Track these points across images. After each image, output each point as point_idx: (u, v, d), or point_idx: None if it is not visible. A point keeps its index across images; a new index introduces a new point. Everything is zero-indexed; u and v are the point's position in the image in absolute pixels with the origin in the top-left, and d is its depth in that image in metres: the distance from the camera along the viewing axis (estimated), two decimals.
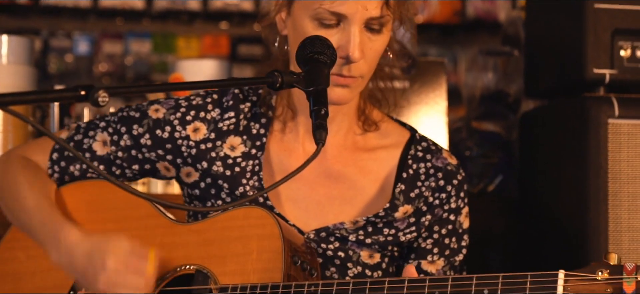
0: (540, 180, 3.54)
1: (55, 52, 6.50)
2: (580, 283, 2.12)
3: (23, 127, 3.60)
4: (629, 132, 3.18)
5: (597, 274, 2.11)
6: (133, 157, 2.62)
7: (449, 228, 2.55)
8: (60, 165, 2.63)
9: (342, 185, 2.58)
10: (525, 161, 3.72)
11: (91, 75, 6.43)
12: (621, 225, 3.15)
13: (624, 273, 2.09)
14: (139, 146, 2.61)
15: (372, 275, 2.56)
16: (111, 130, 2.62)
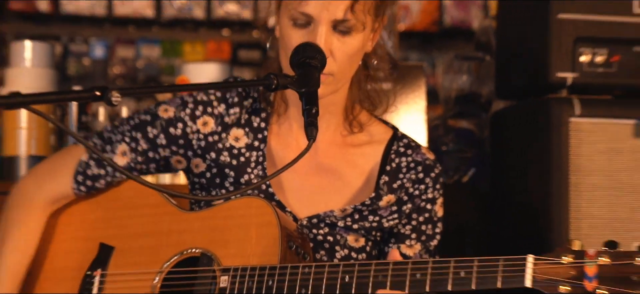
0: (509, 173, 3.54)
1: (74, 56, 6.49)
2: (547, 266, 2.12)
3: (45, 124, 3.59)
4: (589, 129, 3.18)
5: (562, 258, 2.11)
6: (150, 158, 2.60)
7: (426, 216, 2.55)
8: (87, 184, 2.60)
9: (331, 176, 2.58)
10: (496, 155, 3.72)
11: (106, 77, 6.43)
12: (581, 212, 3.15)
13: (586, 257, 2.09)
14: (155, 147, 2.59)
15: (357, 257, 2.56)
16: (128, 140, 2.59)
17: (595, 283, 2.07)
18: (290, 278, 2.33)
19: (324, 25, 2.40)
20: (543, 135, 3.22)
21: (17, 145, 3.54)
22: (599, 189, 3.16)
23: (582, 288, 2.08)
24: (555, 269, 2.11)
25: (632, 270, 2.06)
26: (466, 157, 4.00)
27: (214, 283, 2.40)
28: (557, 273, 2.11)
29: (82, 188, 2.60)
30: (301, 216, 2.54)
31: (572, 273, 2.10)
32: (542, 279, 2.12)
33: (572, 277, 2.10)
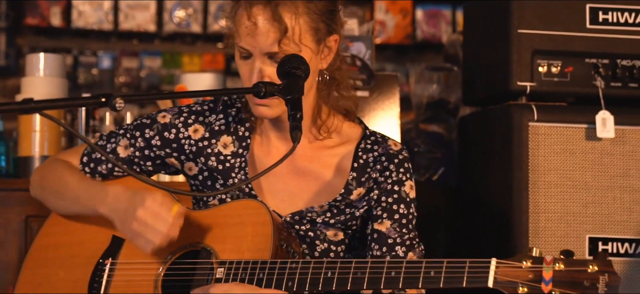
0: (474, 171, 3.54)
1: (83, 67, 6.46)
2: (508, 268, 2.12)
3: (56, 127, 3.59)
4: (546, 132, 3.19)
5: (522, 263, 2.11)
6: (146, 156, 2.62)
7: (395, 196, 2.54)
8: (90, 166, 2.64)
9: (308, 177, 2.58)
10: (463, 156, 3.72)
11: (113, 86, 6.41)
12: (539, 207, 3.15)
13: (544, 263, 2.09)
14: (150, 146, 2.61)
15: (336, 250, 2.56)
16: (129, 136, 2.63)
17: (550, 286, 2.08)
18: (279, 271, 2.34)
19: (258, 58, 2.43)
20: (505, 138, 3.22)
21: (31, 147, 3.54)
22: (555, 186, 3.16)
23: (539, 290, 2.08)
24: (515, 272, 2.11)
25: (585, 276, 2.06)
26: (436, 157, 4.00)
27: (211, 273, 2.41)
28: (517, 275, 2.11)
29: (87, 169, 2.64)
30: (284, 214, 2.53)
31: (530, 276, 2.10)
32: (503, 280, 2.12)
33: (530, 279, 2.10)
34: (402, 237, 2.49)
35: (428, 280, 2.20)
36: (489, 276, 2.13)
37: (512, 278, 2.10)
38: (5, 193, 3.44)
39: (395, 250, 2.48)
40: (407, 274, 2.23)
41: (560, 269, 2.08)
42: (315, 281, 2.30)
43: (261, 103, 2.46)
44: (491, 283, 2.12)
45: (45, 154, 3.54)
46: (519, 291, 2.09)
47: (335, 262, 2.31)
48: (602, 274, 2.04)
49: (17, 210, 3.40)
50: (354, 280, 2.27)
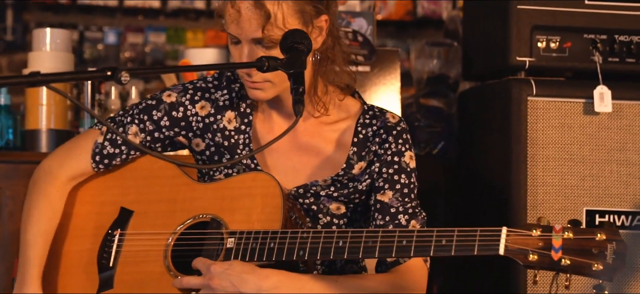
0: (474, 145, 3.55)
1: (89, 42, 6.46)
2: (518, 237, 2.13)
3: (63, 101, 3.59)
4: (544, 107, 3.19)
5: (532, 231, 2.12)
6: (156, 138, 2.61)
7: (395, 167, 2.54)
8: (104, 162, 2.60)
9: (310, 153, 2.58)
10: (462, 130, 3.72)
11: (118, 61, 6.41)
12: (537, 180, 3.16)
13: (553, 232, 2.10)
14: (160, 128, 2.60)
15: (338, 223, 2.56)
16: (137, 121, 2.60)
17: (560, 254, 2.09)
18: (290, 241, 2.34)
19: (245, 44, 2.43)
20: (504, 112, 3.22)
21: (38, 120, 3.55)
22: (553, 160, 3.17)
23: (548, 257, 2.09)
24: (525, 240, 2.12)
25: (593, 244, 2.07)
26: (436, 132, 3.99)
27: (222, 244, 2.41)
28: (527, 243, 2.12)
29: (101, 166, 2.60)
30: (288, 188, 2.53)
31: (540, 244, 2.11)
32: (513, 248, 2.12)
33: (540, 247, 2.11)
34: (404, 206, 2.50)
35: (439, 249, 2.21)
36: (500, 244, 2.13)
37: (523, 246, 2.11)
38: (13, 166, 3.45)
39: (398, 219, 2.48)
40: (419, 243, 2.23)
41: (569, 237, 2.09)
42: (327, 250, 2.31)
43: (255, 86, 2.46)
44: (502, 250, 2.13)
45: (52, 127, 3.54)
46: (530, 258, 2.10)
47: (347, 232, 2.31)
48: (610, 243, 2.06)
49: (25, 182, 3.37)
50: (366, 249, 2.28)
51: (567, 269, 2.09)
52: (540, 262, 2.11)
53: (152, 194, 2.58)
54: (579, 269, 2.08)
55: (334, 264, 2.56)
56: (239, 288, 2.32)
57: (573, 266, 2.08)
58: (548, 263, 2.10)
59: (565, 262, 2.08)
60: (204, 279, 2.34)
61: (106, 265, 2.53)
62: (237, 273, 2.33)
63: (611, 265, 2.05)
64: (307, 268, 2.46)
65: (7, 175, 3.44)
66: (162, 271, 2.44)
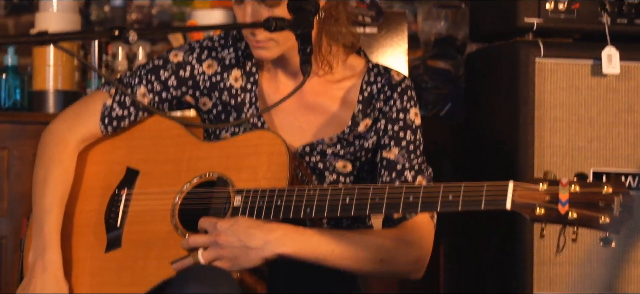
0: (481, 107, 3.54)
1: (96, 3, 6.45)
2: (525, 191, 2.12)
3: (70, 62, 3.59)
4: (552, 68, 3.19)
5: (539, 185, 2.11)
6: (164, 98, 2.60)
7: (401, 124, 2.53)
8: (113, 124, 2.60)
9: (316, 111, 2.58)
10: (469, 92, 3.72)
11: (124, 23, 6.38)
12: (544, 142, 3.16)
13: (560, 185, 2.09)
14: (167, 88, 2.60)
15: (345, 181, 2.56)
16: (145, 82, 2.59)
17: (567, 207, 2.08)
18: (297, 198, 2.34)
19: (248, 3, 2.42)
20: (511, 74, 3.22)
21: (45, 81, 3.56)
22: (560, 121, 3.17)
23: (555, 211, 2.09)
24: (532, 194, 2.11)
25: (599, 198, 2.07)
26: (443, 93, 3.99)
27: (229, 202, 2.41)
28: (534, 197, 2.11)
29: (109, 128, 2.60)
30: (294, 146, 2.53)
31: (547, 198, 2.10)
32: (520, 202, 2.12)
33: (547, 201, 2.10)
34: (410, 162, 2.50)
35: (446, 204, 2.20)
36: (507, 199, 2.13)
37: (530, 200, 2.11)
38: (21, 126, 3.46)
39: (405, 175, 2.48)
40: (425, 199, 2.23)
41: (576, 191, 2.08)
42: (334, 207, 2.31)
43: (259, 45, 2.46)
44: (509, 205, 2.12)
45: (59, 88, 3.55)
46: (537, 212, 2.09)
47: (353, 188, 2.31)
48: (616, 195, 2.05)
49: (32, 143, 3.41)
50: (373, 206, 2.28)
51: (574, 223, 2.08)
52: (547, 216, 2.10)
53: (158, 154, 2.58)
54: (586, 222, 2.07)
55: (341, 222, 2.56)
56: (246, 243, 2.33)
57: (580, 219, 2.08)
58: (555, 217, 2.09)
59: (572, 215, 2.08)
60: (211, 236, 2.35)
61: (114, 225, 2.53)
62: (243, 229, 2.33)
63: (618, 218, 2.05)
64: (314, 225, 2.46)
65: (14, 135, 3.45)
66: (170, 230, 2.44)
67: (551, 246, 3.13)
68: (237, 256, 2.33)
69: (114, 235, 2.52)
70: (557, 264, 3.15)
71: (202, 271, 2.28)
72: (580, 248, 3.13)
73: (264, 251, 2.33)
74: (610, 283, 3.15)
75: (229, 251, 2.33)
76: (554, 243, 3.07)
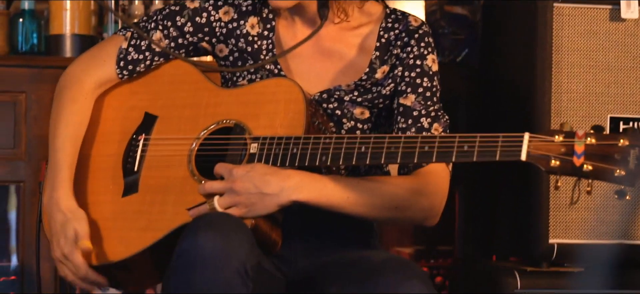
0: (498, 53, 3.53)
1: None
2: (540, 143, 2.11)
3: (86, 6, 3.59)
4: (570, 13, 3.17)
5: (554, 137, 2.10)
6: (180, 44, 2.59)
7: (417, 70, 2.52)
8: (128, 68, 2.59)
9: (334, 58, 2.56)
10: (486, 37, 3.70)
11: None
12: (562, 87, 3.15)
13: (575, 137, 2.08)
14: (183, 34, 2.59)
15: (362, 127, 2.55)
16: (161, 27, 2.58)
17: (582, 159, 2.07)
18: (312, 146, 2.34)
19: None
20: (529, 19, 3.20)
21: (62, 25, 3.56)
22: (578, 67, 3.16)
23: (570, 163, 2.08)
24: (547, 145, 2.10)
25: (615, 150, 2.05)
26: (460, 39, 3.98)
27: (245, 149, 2.41)
28: (549, 149, 2.10)
29: (125, 72, 2.59)
30: (311, 93, 2.53)
31: (562, 149, 2.09)
32: (535, 154, 2.11)
33: (562, 153, 2.09)
34: (426, 109, 2.49)
35: (461, 154, 2.20)
36: (522, 150, 2.12)
37: (545, 151, 2.10)
38: (38, 70, 3.47)
39: (421, 122, 2.48)
40: (441, 149, 2.22)
41: (592, 143, 2.07)
42: (349, 156, 2.30)
43: None
44: (524, 156, 2.12)
45: (76, 32, 3.55)
46: (552, 164, 2.09)
47: (369, 137, 2.31)
48: (632, 148, 2.04)
49: (49, 87, 3.41)
50: (388, 154, 2.27)
51: (588, 175, 2.07)
52: (562, 168, 2.09)
53: (176, 99, 2.58)
54: (601, 174, 2.06)
55: (358, 170, 2.56)
56: (262, 189, 2.33)
57: (595, 172, 2.07)
58: (570, 169, 2.08)
59: (587, 168, 2.07)
60: (227, 182, 2.35)
61: (131, 169, 2.54)
62: (259, 175, 2.33)
63: (633, 171, 2.04)
64: (329, 173, 2.46)
65: (31, 79, 3.46)
66: (186, 176, 2.45)
67: (567, 192, 3.12)
68: (253, 203, 2.33)
69: (131, 180, 2.53)
70: (572, 209, 3.15)
71: (215, 218, 2.28)
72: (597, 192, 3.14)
73: (279, 197, 2.33)
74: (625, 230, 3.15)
75: (244, 197, 2.33)
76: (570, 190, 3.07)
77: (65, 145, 2.52)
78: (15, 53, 3.58)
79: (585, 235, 3.15)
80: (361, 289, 2.30)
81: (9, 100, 3.46)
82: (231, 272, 2.17)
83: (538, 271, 3.18)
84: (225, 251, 2.18)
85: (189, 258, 2.19)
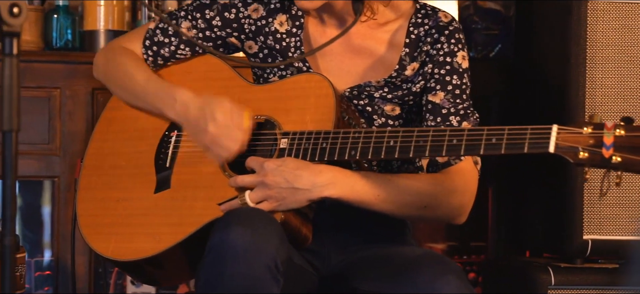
0: (532, 48, 3.50)
1: None
2: (569, 135, 2.09)
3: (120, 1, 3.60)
4: (605, 8, 3.13)
5: (583, 129, 2.08)
6: (207, 37, 2.60)
7: (447, 68, 2.50)
8: (153, 49, 2.61)
9: (363, 54, 2.55)
10: (520, 32, 3.67)
11: None
12: (596, 82, 3.12)
13: (605, 129, 2.06)
14: (211, 27, 2.59)
15: (393, 124, 2.54)
16: (190, 17, 2.60)
17: (611, 151, 2.04)
18: (342, 141, 2.33)
19: None
20: (564, 13, 3.17)
21: (96, 21, 3.57)
22: (612, 62, 3.13)
23: (599, 155, 2.05)
24: (576, 137, 2.08)
25: None
26: (493, 34, 3.96)
27: (275, 144, 2.42)
28: (577, 141, 2.08)
29: (149, 53, 2.61)
30: (341, 89, 2.51)
31: (591, 141, 2.07)
32: (564, 145, 2.09)
33: (591, 145, 2.07)
34: (456, 107, 2.47)
35: (489, 147, 2.18)
36: (550, 142, 2.10)
37: (573, 143, 2.08)
38: (72, 66, 3.49)
39: (450, 120, 2.46)
40: (469, 142, 2.21)
41: (621, 135, 2.05)
42: (378, 150, 2.29)
43: None
44: (552, 148, 2.09)
45: (110, 28, 3.56)
46: (580, 155, 2.07)
47: (398, 131, 2.30)
48: None
49: (83, 82, 3.44)
50: (416, 148, 2.26)
51: (617, 167, 2.05)
52: (590, 159, 2.07)
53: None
54: (630, 166, 2.04)
55: (390, 165, 2.55)
56: (293, 184, 2.32)
57: (624, 164, 2.04)
58: (599, 161, 2.06)
59: (616, 159, 2.04)
60: (258, 176, 2.35)
61: (163, 166, 2.55)
62: (290, 169, 2.33)
63: None
64: (359, 168, 2.45)
65: (66, 75, 3.48)
66: (217, 171, 2.45)
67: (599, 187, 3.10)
68: (284, 197, 2.33)
69: (163, 176, 2.53)
70: (606, 205, 3.12)
71: (246, 213, 2.28)
72: (632, 188, 3.11)
73: (311, 192, 2.33)
74: None
75: (276, 191, 2.33)
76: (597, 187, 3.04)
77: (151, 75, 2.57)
78: (50, 49, 3.59)
79: (619, 231, 3.13)
80: (396, 285, 2.29)
81: (44, 95, 3.47)
82: (262, 266, 2.17)
83: (572, 267, 3.15)
84: (256, 246, 2.17)
85: (219, 253, 2.18)
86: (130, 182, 2.57)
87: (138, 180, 2.56)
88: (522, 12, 3.65)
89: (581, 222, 3.12)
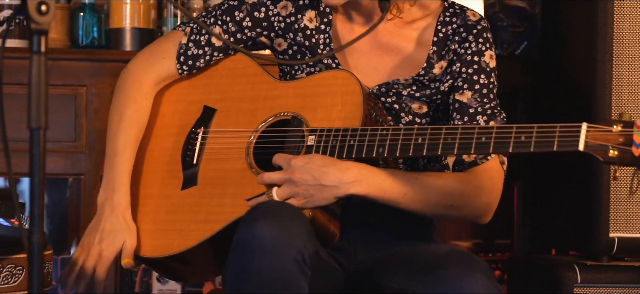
0: (557, 45, 3.49)
1: None
2: (598, 133, 2.09)
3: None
4: (631, 6, 3.12)
5: (613, 127, 2.08)
6: (239, 39, 2.61)
7: (475, 67, 2.50)
8: (188, 63, 2.61)
9: (391, 52, 2.56)
10: (546, 30, 3.67)
11: None
12: (622, 81, 3.11)
13: (634, 127, 2.06)
14: (242, 29, 2.60)
15: (420, 122, 2.55)
16: (220, 22, 2.60)
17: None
18: (369, 138, 2.34)
19: None
20: (589, 10, 3.16)
21: (122, 19, 3.58)
22: (639, 59, 3.11)
23: (629, 153, 2.06)
24: (605, 136, 2.08)
25: None
26: (519, 32, 3.95)
27: (302, 141, 2.42)
28: (607, 139, 2.08)
29: (185, 67, 2.61)
30: (369, 86, 2.52)
31: (621, 139, 2.07)
32: (593, 144, 2.09)
33: (620, 143, 2.07)
34: (483, 107, 2.48)
35: (519, 145, 2.18)
36: (580, 140, 2.10)
37: (603, 141, 2.08)
38: (99, 64, 3.50)
39: (477, 119, 2.46)
40: (498, 139, 2.21)
41: None
42: (406, 147, 2.30)
43: None
44: (582, 146, 2.10)
45: (136, 26, 3.57)
46: (610, 154, 2.07)
47: (426, 128, 2.31)
48: None
49: (109, 80, 3.45)
50: (445, 146, 2.27)
51: None
52: (620, 158, 2.07)
53: (234, 93, 2.59)
54: None
55: (416, 162, 2.55)
56: (320, 181, 2.33)
57: None
58: (629, 159, 2.06)
59: None
60: (286, 173, 2.36)
61: (190, 162, 2.56)
62: (317, 166, 2.34)
63: None
64: (387, 166, 2.46)
65: (92, 73, 3.49)
66: (244, 168, 2.46)
67: (627, 185, 3.09)
68: (311, 194, 2.34)
69: (190, 173, 2.54)
70: (633, 203, 3.11)
71: (272, 207, 2.29)
72: None
73: (339, 189, 2.34)
74: None
75: (303, 188, 2.34)
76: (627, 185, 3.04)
77: (127, 149, 2.55)
78: (76, 47, 3.61)
79: None
80: (423, 282, 2.29)
81: (70, 93, 3.49)
82: (289, 259, 2.18)
83: (598, 265, 3.14)
84: (283, 239, 2.19)
85: (246, 247, 2.20)
86: (157, 179, 2.59)
87: (165, 176, 2.58)
88: (548, 10, 3.64)
89: (607, 220, 3.11)
